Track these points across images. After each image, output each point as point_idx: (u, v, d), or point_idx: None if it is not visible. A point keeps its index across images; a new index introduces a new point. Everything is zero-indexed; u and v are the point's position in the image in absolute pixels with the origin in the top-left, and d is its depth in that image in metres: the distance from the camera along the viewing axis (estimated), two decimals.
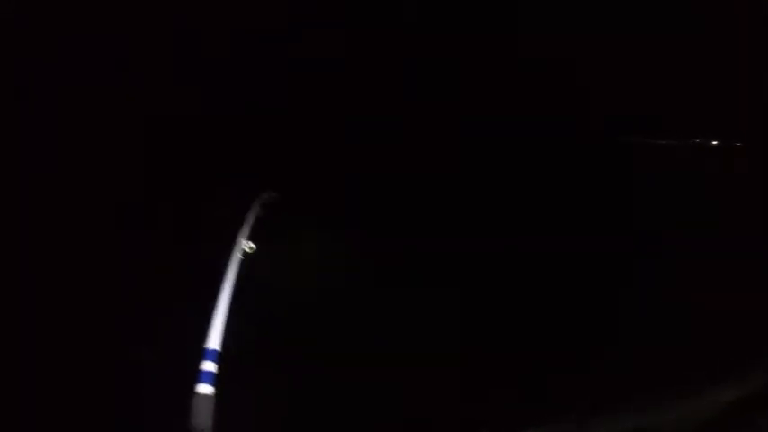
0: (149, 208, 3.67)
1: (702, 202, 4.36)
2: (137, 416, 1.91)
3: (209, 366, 1.38)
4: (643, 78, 4.66)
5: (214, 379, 1.31)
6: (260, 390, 2.22)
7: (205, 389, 1.30)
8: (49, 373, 2.15)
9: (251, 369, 2.06)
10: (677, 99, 4.74)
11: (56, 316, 2.52)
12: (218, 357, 1.40)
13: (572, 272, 3.94)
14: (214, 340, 1.50)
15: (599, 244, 4.12)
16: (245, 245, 2.21)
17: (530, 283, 3.83)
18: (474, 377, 2.94)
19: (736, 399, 2.13)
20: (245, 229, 2.42)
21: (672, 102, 4.79)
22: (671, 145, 5.24)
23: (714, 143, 5.22)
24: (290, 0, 4.13)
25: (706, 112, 4.79)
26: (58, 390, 2.10)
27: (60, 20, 3.63)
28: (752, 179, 4.31)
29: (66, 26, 3.63)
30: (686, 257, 3.85)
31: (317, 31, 4.44)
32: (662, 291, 3.61)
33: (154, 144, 4.08)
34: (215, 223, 3.08)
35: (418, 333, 3.13)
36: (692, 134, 5.14)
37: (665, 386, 2.63)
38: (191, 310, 1.85)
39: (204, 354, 1.40)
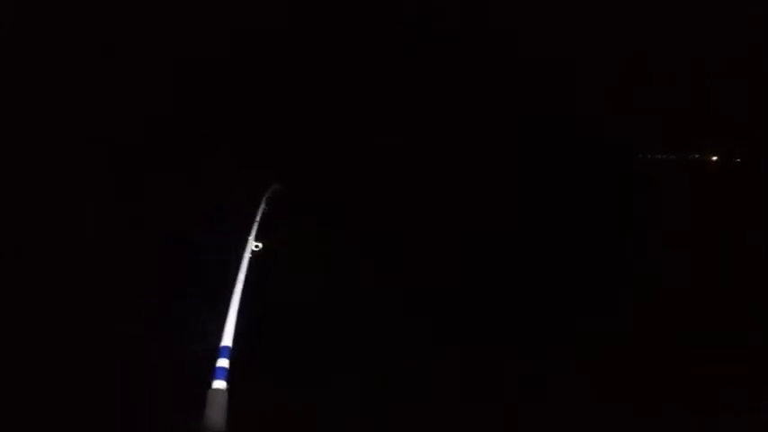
0: (162, 212, 3.69)
1: (701, 214, 4.41)
2: (155, 411, 2.03)
3: (222, 363, 1.42)
4: (647, 96, 4.69)
5: (227, 374, 1.38)
6: (270, 383, 2.28)
7: (219, 384, 1.35)
8: (71, 372, 2.23)
9: (262, 363, 2.12)
10: (680, 116, 4.77)
11: (77, 317, 2.58)
12: (230, 354, 1.48)
13: (574, 275, 3.95)
14: (227, 338, 1.53)
15: (601, 250, 4.15)
16: (252, 244, 2.23)
17: (532, 283, 3.83)
18: (475, 377, 2.94)
19: None
20: (253, 228, 2.43)
21: (674, 118, 4.82)
22: (671, 159, 5.28)
23: (714, 158, 5.27)
24: None
25: (707, 128, 4.83)
26: (79, 387, 2.18)
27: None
28: (749, 194, 4.34)
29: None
30: (684, 266, 3.90)
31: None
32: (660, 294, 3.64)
33: (160, 143, 4.09)
34: (225, 222, 3.11)
35: (421, 331, 3.14)
36: (693, 149, 5.20)
37: None
38: (205, 309, 1.91)
39: (219, 351, 1.48)
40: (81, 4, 3.74)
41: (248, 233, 2.40)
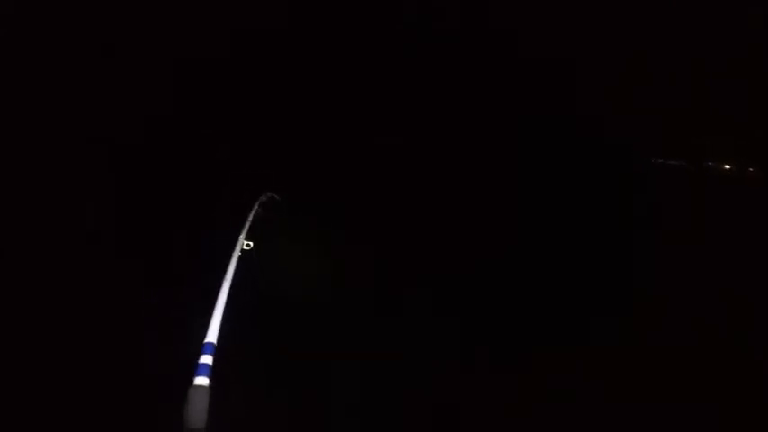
0: (153, 208, 3.71)
1: (702, 216, 4.40)
2: (138, 406, 2.09)
3: (206, 359, 1.43)
4: (647, 96, 4.69)
5: (210, 371, 1.39)
6: (253, 380, 2.36)
7: (201, 380, 1.35)
8: (48, 367, 2.29)
9: (246, 361, 2.18)
10: (679, 116, 4.77)
11: (59, 312, 2.63)
12: (214, 350, 1.48)
13: (573, 275, 3.96)
14: (212, 335, 1.55)
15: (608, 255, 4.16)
16: (243, 243, 2.28)
17: (532, 283, 3.83)
18: (472, 376, 2.94)
19: None
20: (244, 228, 2.49)
21: (674, 118, 4.82)
22: (684, 166, 5.26)
23: (727, 167, 5.24)
24: None
25: (707, 128, 4.83)
26: (60, 382, 2.24)
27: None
28: (763, 204, 4.31)
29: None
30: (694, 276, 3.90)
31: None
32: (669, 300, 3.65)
33: (157, 145, 4.10)
34: (217, 221, 3.19)
35: (414, 325, 3.15)
36: (707, 157, 5.16)
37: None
38: (192, 304, 1.95)
39: (202, 347, 1.49)
40: (81, 4, 3.74)
41: (239, 233, 2.42)
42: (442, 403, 2.71)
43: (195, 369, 1.38)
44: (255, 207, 2.82)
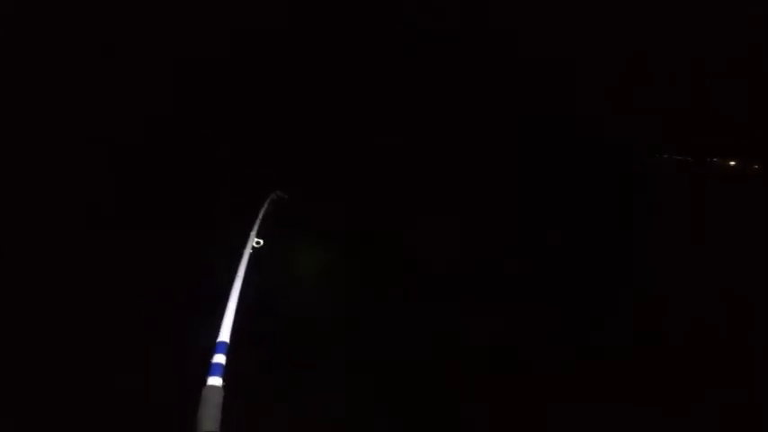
0: (153, 208, 3.73)
1: (702, 216, 4.41)
2: (150, 407, 2.12)
3: (219, 359, 1.41)
4: (647, 96, 4.69)
5: (223, 371, 1.37)
6: (266, 380, 2.39)
7: (215, 381, 1.32)
8: (66, 363, 2.33)
9: (258, 360, 2.21)
10: (679, 115, 4.77)
11: (72, 310, 2.65)
12: (227, 349, 1.47)
13: (573, 275, 3.96)
14: (225, 334, 1.51)
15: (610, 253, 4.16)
16: (254, 240, 2.25)
17: (532, 283, 3.83)
18: (473, 384, 2.94)
19: None
20: (255, 226, 2.46)
21: (674, 118, 4.82)
22: (688, 161, 5.25)
23: (732, 163, 5.23)
24: None
25: (707, 128, 4.83)
26: (74, 379, 2.27)
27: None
28: (763, 204, 4.30)
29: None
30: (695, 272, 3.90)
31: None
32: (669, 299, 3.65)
33: (160, 143, 4.11)
34: (227, 220, 3.19)
35: (419, 332, 3.16)
36: (711, 153, 5.15)
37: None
38: (204, 303, 1.95)
39: (215, 347, 1.46)
40: (81, 4, 3.74)
41: (249, 231, 2.41)
42: (442, 403, 2.71)
43: (208, 369, 1.36)
44: (265, 205, 2.81)
